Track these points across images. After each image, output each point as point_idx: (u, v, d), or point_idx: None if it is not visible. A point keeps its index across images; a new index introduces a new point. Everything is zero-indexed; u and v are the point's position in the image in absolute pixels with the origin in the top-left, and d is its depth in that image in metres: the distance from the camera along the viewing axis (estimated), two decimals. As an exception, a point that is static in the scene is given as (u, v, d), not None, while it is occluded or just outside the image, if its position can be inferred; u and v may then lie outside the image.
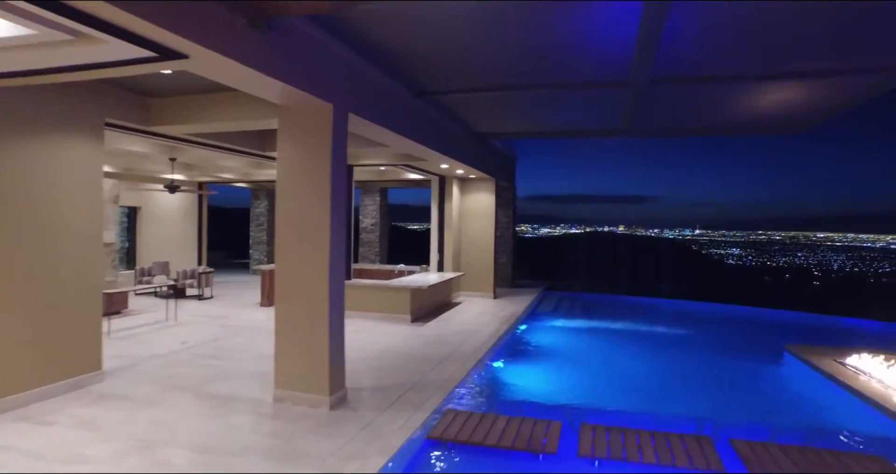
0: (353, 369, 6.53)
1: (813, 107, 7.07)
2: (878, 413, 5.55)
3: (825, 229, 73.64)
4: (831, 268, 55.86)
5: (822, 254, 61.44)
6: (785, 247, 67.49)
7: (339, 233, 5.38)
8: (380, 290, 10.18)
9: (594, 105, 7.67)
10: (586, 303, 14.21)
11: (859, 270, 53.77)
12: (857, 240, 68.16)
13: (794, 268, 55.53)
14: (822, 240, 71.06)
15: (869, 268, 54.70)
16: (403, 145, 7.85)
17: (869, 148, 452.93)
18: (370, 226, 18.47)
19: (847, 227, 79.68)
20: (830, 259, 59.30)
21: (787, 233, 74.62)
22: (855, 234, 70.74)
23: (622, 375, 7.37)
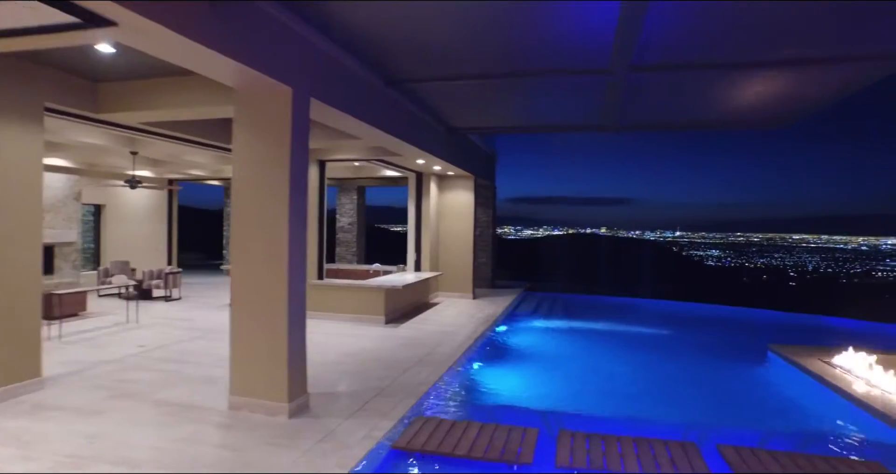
0: (319, 373, 6.14)
1: (797, 99, 6.88)
2: (867, 415, 5.34)
3: (801, 231, 74.92)
4: (806, 268, 56.77)
5: (797, 256, 62.44)
6: (762, 248, 68.48)
7: (299, 229, 4.98)
8: (353, 291, 9.78)
9: (574, 98, 7.40)
10: (567, 303, 13.97)
11: (832, 271, 54.73)
12: (830, 242, 69.44)
13: (772, 269, 56.35)
14: (797, 241, 72.25)
15: (841, 268, 55.68)
16: (376, 137, 7.48)
17: (841, 152, 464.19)
18: (347, 225, 18.04)
19: (821, 229, 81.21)
20: (805, 260, 60.27)
21: (764, 235, 75.77)
22: (829, 236, 72.06)
23: (603, 378, 7.08)
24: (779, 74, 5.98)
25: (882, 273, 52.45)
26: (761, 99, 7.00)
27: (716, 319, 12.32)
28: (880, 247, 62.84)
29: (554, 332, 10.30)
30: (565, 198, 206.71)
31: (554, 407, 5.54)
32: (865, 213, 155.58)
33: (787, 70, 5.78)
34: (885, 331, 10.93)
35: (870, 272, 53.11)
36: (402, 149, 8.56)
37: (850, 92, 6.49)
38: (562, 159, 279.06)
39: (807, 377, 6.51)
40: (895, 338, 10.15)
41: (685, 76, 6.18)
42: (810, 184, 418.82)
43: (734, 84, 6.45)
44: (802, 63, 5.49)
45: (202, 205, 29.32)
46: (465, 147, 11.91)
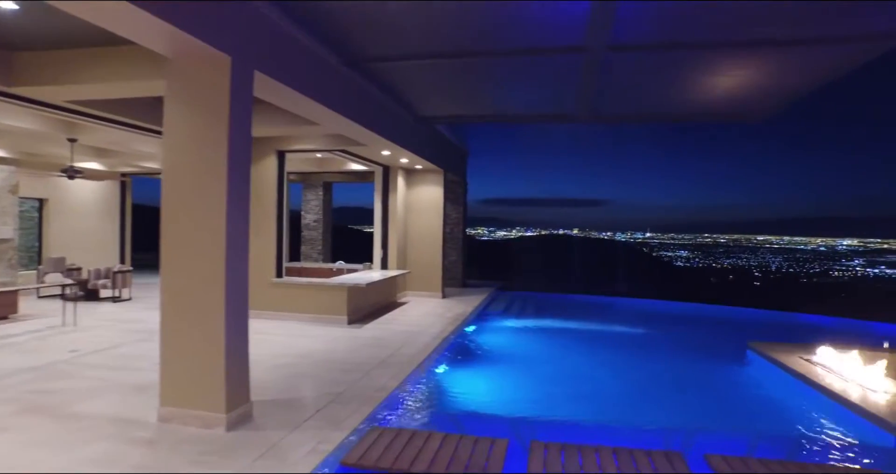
0: (270, 378, 5.58)
1: (775, 87, 6.62)
2: (856, 417, 5.05)
3: (765, 232, 76.83)
4: (770, 268, 58.14)
5: (761, 256, 63.91)
6: (729, 249, 69.87)
7: (241, 220, 4.42)
8: (314, 289, 9.20)
9: (548, 84, 7.00)
10: (539, 302, 13.62)
11: (794, 271, 56.15)
12: (791, 243, 71.24)
13: (738, 269, 57.56)
14: (761, 242, 73.90)
15: (802, 268, 57.15)
16: (336, 123, 6.94)
17: (803, 157, 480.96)
18: (313, 222, 17.34)
19: (783, 231, 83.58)
20: (769, 260, 61.69)
21: (730, 236, 77.33)
22: (790, 237, 73.95)
23: (578, 380, 6.68)
24: (759, 57, 5.68)
25: (838, 272, 54.07)
26: (739, 87, 6.72)
27: (689, 317, 12.14)
28: (836, 248, 64.77)
29: (526, 332, 9.90)
30: (538, 200, 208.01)
31: (525, 414, 5.10)
32: (824, 216, 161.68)
33: (767, 52, 5.47)
34: (851, 327, 10.90)
35: (827, 271, 54.72)
36: (366, 137, 8.03)
37: (830, 78, 6.24)
38: (535, 161, 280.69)
39: (789, 376, 6.23)
40: (864, 333, 10.10)
41: (662, 59, 5.83)
42: (775, 187, 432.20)
43: (712, 69, 6.13)
44: (783, 44, 5.19)
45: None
46: (434, 139, 11.43)
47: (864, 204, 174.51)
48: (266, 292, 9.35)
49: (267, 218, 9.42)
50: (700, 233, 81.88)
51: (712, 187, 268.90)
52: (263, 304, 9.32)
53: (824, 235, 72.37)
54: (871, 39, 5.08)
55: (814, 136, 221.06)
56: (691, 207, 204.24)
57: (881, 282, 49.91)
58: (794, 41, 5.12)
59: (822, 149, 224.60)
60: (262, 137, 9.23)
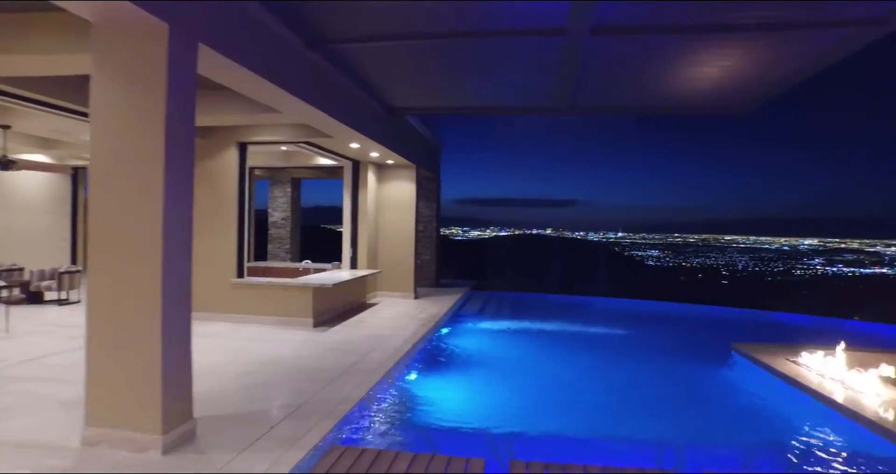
0: (222, 388, 5.04)
1: (761, 77, 6.36)
2: (853, 423, 4.78)
3: (732, 232, 78.55)
4: (737, 267, 59.42)
5: (729, 255, 65.30)
6: (698, 248, 71.18)
7: (181, 212, 3.86)
8: (277, 290, 8.63)
9: (525, 72, 6.60)
10: (515, 302, 13.27)
11: (759, 269, 57.51)
12: (758, 243, 72.93)
13: (706, 268, 58.69)
14: (729, 242, 75.46)
15: (766, 267, 58.59)
16: (299, 111, 6.41)
17: (768, 159, 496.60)
18: (280, 220, 16.66)
19: (750, 230, 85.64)
20: (736, 259, 63.04)
21: (699, 236, 78.77)
22: (756, 237, 75.68)
23: (559, 388, 6.28)
24: (746, 43, 5.38)
25: (800, 271, 55.63)
26: (724, 77, 6.44)
27: (665, 316, 11.95)
28: (799, 248, 66.64)
29: (502, 335, 9.51)
30: (512, 200, 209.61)
31: (504, 428, 4.68)
32: (788, 217, 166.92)
33: (754, 37, 5.17)
34: (822, 325, 10.84)
35: (790, 270, 56.29)
36: (332, 128, 7.50)
37: (818, 68, 6.00)
38: (509, 161, 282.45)
39: (778, 380, 5.95)
40: (836, 330, 10.03)
41: (645, 45, 5.49)
42: (742, 188, 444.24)
43: (696, 56, 5.81)
44: (772, 28, 4.89)
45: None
46: (406, 133, 10.95)
47: (826, 205, 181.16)
48: (226, 293, 8.74)
49: (227, 214, 8.81)
50: (670, 233, 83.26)
51: (682, 188, 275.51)
52: (223, 306, 8.71)
53: (788, 235, 74.29)
54: (863, 24, 4.82)
55: (779, 141, 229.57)
56: (662, 208, 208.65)
57: (838, 279, 51.59)
58: (784, 25, 4.82)
59: (788, 154, 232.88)
60: (220, 127, 8.61)
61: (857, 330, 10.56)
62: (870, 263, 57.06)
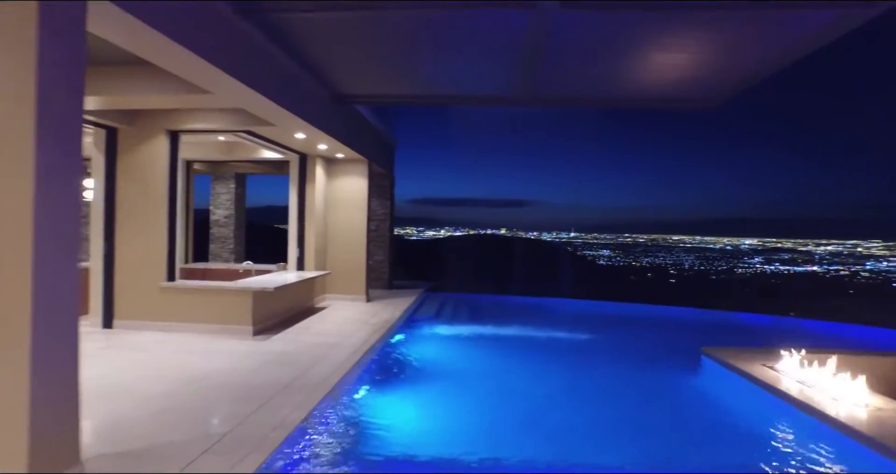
0: (130, 417, 4.24)
1: (730, 68, 6.08)
2: (846, 437, 4.46)
3: (679, 232, 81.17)
4: (684, 266, 61.32)
5: (676, 255, 67.36)
6: (647, 248, 73.15)
7: (61, 207, 3.09)
8: (212, 294, 7.77)
9: (486, 56, 6.07)
10: (472, 304, 12.76)
11: (704, 268, 59.52)
12: (703, 243, 75.55)
13: (655, 267, 60.31)
14: (676, 242, 77.87)
15: (711, 266, 60.70)
16: (233, 92, 5.63)
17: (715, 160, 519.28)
18: (223, 218, 15.55)
19: (695, 231, 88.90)
20: (683, 259, 65.06)
21: (648, 236, 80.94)
22: (701, 237, 78.42)
23: (523, 403, 5.74)
24: (719, 26, 5.03)
25: (741, 270, 57.97)
26: (693, 67, 6.11)
27: (626, 318, 11.72)
28: (740, 247, 69.48)
29: (460, 341, 8.94)
30: (466, 200, 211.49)
31: (465, 454, 4.10)
32: (729, 217, 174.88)
33: (729, 18, 4.82)
34: (780, 325, 10.87)
35: (732, 269, 58.57)
36: (273, 114, 6.75)
37: (788, 60, 5.75)
38: (462, 162, 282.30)
39: (756, 387, 5.60)
40: (793, 330, 10.06)
41: (615, 24, 5.04)
42: (688, 191, 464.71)
43: (667, 39, 5.40)
44: (749, 7, 4.55)
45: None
46: (358, 124, 10.25)
47: (764, 207, 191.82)
48: (154, 299, 7.82)
49: (156, 210, 7.88)
50: (621, 233, 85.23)
51: (633, 189, 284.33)
52: (151, 314, 7.79)
53: (730, 235, 77.40)
54: (851, 5, 4.54)
55: (721, 148, 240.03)
56: (613, 208, 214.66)
57: (776, 277, 54.06)
58: (762, 3, 4.48)
59: (731, 159, 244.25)
60: (145, 111, 7.69)
61: (809, 329, 10.61)
62: (802, 262, 59.92)
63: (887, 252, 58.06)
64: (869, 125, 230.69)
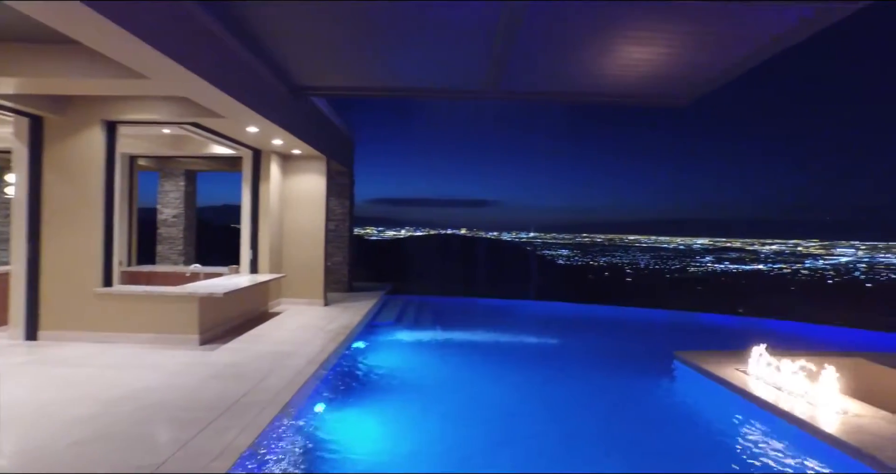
0: (36, 451, 3.67)
1: (703, 64, 5.92)
2: (817, 440, 4.31)
3: (635, 232, 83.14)
4: (639, 266, 62.85)
5: (632, 254, 69.01)
6: (604, 248, 74.62)
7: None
8: (154, 301, 7.13)
9: (454, 47, 5.71)
10: (435, 308, 12.40)
11: (659, 267, 61.19)
12: (657, 242, 77.68)
13: (612, 267, 61.55)
14: (632, 242, 79.72)
15: (665, 265, 62.48)
16: (175, 77, 5.05)
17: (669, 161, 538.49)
18: (171, 218, 14.65)
19: (649, 231, 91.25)
20: (639, 258, 66.71)
21: (606, 236, 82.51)
22: (656, 237, 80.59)
23: (493, 415, 5.42)
24: (694, 19, 4.84)
25: (694, 268, 59.88)
26: (665, 63, 5.94)
27: (592, 320, 11.63)
28: (693, 247, 71.83)
29: (424, 348, 8.55)
30: (427, 200, 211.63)
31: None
32: (683, 217, 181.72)
33: (708, 8, 4.62)
34: (742, 325, 10.97)
35: (685, 268, 60.45)
36: (222, 104, 6.19)
37: (761, 57, 5.63)
38: (422, 163, 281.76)
39: (731, 393, 5.45)
40: (752, 329, 10.14)
41: (591, 13, 4.77)
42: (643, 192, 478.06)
43: (639, 32, 5.18)
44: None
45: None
46: (315, 119, 9.72)
47: (715, 207, 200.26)
48: (88, 306, 7.11)
49: (90, 209, 7.17)
50: (579, 233, 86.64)
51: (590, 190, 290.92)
52: (84, 323, 7.08)
53: (683, 235, 79.84)
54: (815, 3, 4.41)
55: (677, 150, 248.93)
56: (571, 208, 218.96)
57: (726, 275, 56.08)
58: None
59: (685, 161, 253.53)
60: (77, 98, 6.99)
61: (765, 328, 10.74)
62: (749, 260, 62.37)
63: (823, 250, 61.19)
64: (812, 133, 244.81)
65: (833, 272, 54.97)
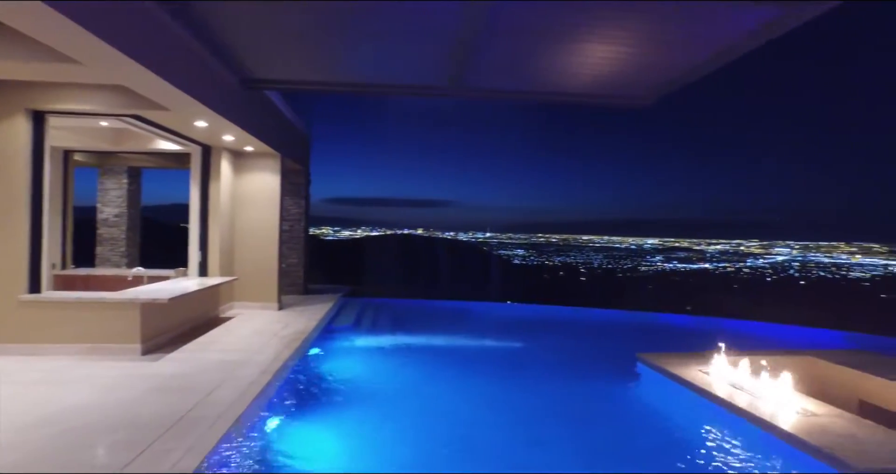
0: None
1: (666, 63, 5.91)
2: (778, 440, 4.31)
3: (589, 232, 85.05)
4: (593, 265, 64.36)
5: (586, 254, 70.59)
6: (559, 248, 76.03)
7: None
8: (90, 308, 6.56)
9: (416, 41, 5.48)
10: (394, 311, 12.10)
11: (611, 267, 62.88)
12: (610, 242, 79.76)
13: (567, 266, 62.77)
14: (586, 242, 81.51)
15: (617, 264, 64.28)
16: (111, 62, 4.61)
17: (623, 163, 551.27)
18: (113, 217, 13.76)
19: (603, 231, 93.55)
20: (592, 258, 68.28)
21: (560, 236, 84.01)
22: (609, 237, 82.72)
23: (456, 425, 5.21)
24: (658, 18, 4.79)
25: (644, 267, 61.92)
26: (628, 60, 5.86)
27: (551, 321, 11.62)
28: (643, 246, 74.24)
29: (383, 354, 8.26)
30: (383, 200, 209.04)
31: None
32: (633, 218, 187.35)
33: (674, 7, 4.57)
34: (702, 325, 11.19)
35: (636, 267, 62.39)
36: (166, 95, 5.74)
37: (723, 59, 5.66)
38: (379, 160, 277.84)
39: (698, 396, 5.42)
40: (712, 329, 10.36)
41: (557, 8, 4.64)
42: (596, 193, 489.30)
43: (604, 30, 5.11)
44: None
45: None
46: (269, 114, 9.27)
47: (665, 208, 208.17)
48: (11, 315, 6.47)
49: (10, 207, 6.53)
50: (534, 233, 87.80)
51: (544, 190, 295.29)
52: (6, 334, 6.43)
53: (634, 235, 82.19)
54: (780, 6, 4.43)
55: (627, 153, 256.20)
56: (526, 208, 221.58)
57: (675, 274, 58.24)
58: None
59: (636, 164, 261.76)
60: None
61: (720, 328, 11.00)
62: (696, 260, 64.90)
63: (762, 250, 64.50)
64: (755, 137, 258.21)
65: (771, 270, 57.98)
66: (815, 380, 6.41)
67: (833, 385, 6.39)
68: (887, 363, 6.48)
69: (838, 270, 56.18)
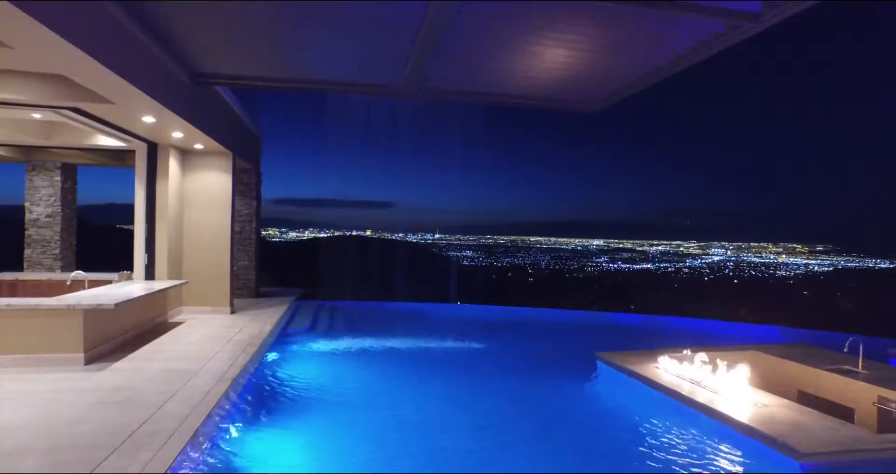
0: None
1: (617, 70, 6.09)
2: (733, 430, 4.49)
3: (536, 234, 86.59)
4: (541, 266, 65.66)
5: (534, 255, 71.92)
6: (507, 249, 77.04)
7: None
8: (24, 316, 6.05)
9: (375, 39, 5.41)
10: (349, 313, 11.91)
11: (558, 268, 64.39)
12: (557, 243, 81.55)
13: (515, 267, 63.74)
14: (533, 243, 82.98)
15: (564, 265, 65.88)
16: (47, 47, 4.26)
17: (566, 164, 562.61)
18: (44, 217, 12.85)
19: (549, 232, 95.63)
20: (539, 259, 69.66)
21: (508, 237, 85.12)
22: (556, 238, 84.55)
23: (419, 431, 5.11)
24: (618, 21, 4.91)
25: (590, 268, 63.75)
26: (582, 63, 6.01)
27: (507, 322, 11.72)
28: (589, 247, 76.37)
29: (342, 358, 8.08)
30: (330, 201, 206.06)
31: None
32: (578, 219, 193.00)
33: (628, 14, 4.69)
34: (651, 323, 11.60)
35: (583, 267, 64.16)
36: (110, 86, 5.39)
37: (671, 70, 5.89)
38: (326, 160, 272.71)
39: (657, 392, 5.59)
40: (664, 327, 10.76)
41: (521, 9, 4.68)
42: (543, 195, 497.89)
43: (568, 31, 5.19)
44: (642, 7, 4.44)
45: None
46: (220, 111, 8.91)
47: (610, 210, 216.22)
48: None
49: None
50: (483, 235, 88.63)
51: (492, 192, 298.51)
52: (-75, 345, 5.86)
53: (580, 236, 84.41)
54: (739, 18, 4.63)
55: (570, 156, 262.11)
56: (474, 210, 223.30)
57: (619, 274, 60.34)
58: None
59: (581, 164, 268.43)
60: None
61: (670, 326, 11.44)
62: (639, 260, 67.42)
63: (700, 251, 67.85)
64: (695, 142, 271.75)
65: (708, 269, 61.04)
66: (760, 373, 6.76)
67: (775, 376, 6.75)
68: (822, 355, 6.91)
69: (767, 269, 59.85)
